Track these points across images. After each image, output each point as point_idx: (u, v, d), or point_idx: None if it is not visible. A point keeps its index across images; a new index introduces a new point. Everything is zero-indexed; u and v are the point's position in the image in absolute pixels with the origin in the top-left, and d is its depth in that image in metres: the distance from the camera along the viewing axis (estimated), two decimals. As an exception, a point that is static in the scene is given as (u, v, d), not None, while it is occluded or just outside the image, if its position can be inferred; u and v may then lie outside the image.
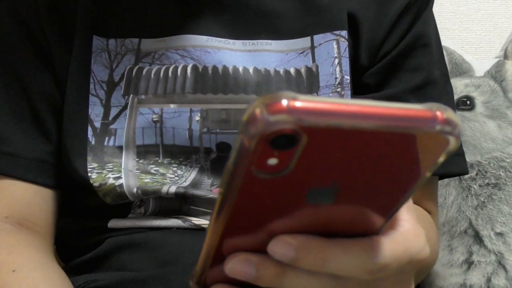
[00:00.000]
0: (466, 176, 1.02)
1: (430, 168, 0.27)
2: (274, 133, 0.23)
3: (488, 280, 0.97)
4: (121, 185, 0.61)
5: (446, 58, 1.07)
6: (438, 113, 0.25)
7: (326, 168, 0.26)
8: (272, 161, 0.25)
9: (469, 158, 1.02)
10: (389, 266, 0.31)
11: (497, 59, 1.13)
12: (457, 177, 1.03)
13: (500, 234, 0.99)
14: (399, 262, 0.31)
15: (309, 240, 0.30)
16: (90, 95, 0.64)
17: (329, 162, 0.26)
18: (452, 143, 0.25)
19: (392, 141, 0.25)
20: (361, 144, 0.25)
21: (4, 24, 0.65)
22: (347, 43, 0.65)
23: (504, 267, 0.98)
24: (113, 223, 0.64)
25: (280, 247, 0.30)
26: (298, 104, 0.23)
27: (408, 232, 0.32)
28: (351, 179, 0.27)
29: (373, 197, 0.29)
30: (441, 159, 0.26)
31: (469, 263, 0.98)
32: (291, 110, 0.23)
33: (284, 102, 0.23)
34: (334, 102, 0.24)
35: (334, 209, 0.29)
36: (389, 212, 0.30)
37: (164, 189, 0.62)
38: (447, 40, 1.25)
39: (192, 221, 0.63)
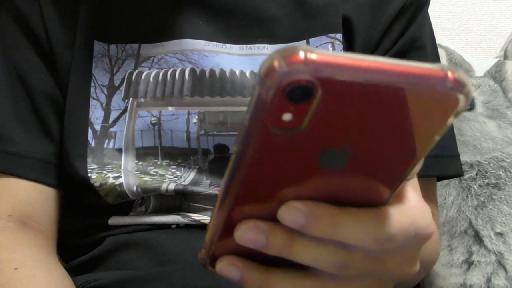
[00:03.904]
0: (466, 176, 1.02)
1: (440, 130, 0.27)
2: (290, 84, 0.24)
3: (488, 280, 0.97)
4: (121, 184, 0.62)
5: (446, 58, 1.07)
6: (449, 72, 0.25)
7: (338, 127, 0.26)
8: (287, 116, 0.25)
9: (469, 158, 1.02)
10: (396, 236, 0.31)
11: (497, 59, 1.13)
12: (457, 177, 1.03)
13: (500, 234, 0.99)
14: (406, 234, 0.32)
15: (320, 206, 0.30)
16: (91, 98, 0.65)
17: (341, 121, 0.26)
18: (462, 102, 0.26)
19: (404, 100, 0.25)
20: (373, 101, 0.25)
21: (7, 26, 0.67)
22: (342, 46, 0.65)
23: (504, 267, 0.98)
24: (113, 220, 0.65)
25: (291, 213, 0.30)
26: (314, 56, 0.24)
27: (414, 207, 0.33)
28: (362, 141, 0.27)
29: (382, 163, 0.29)
30: (450, 120, 0.26)
31: (469, 263, 0.98)
32: (308, 61, 0.24)
33: (301, 54, 0.24)
34: (350, 57, 0.24)
35: (344, 175, 0.29)
36: (396, 181, 0.31)
37: (164, 186, 0.62)
38: (447, 40, 1.25)
39: (192, 217, 0.63)
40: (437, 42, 0.73)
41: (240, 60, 0.65)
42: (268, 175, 0.29)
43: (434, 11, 0.68)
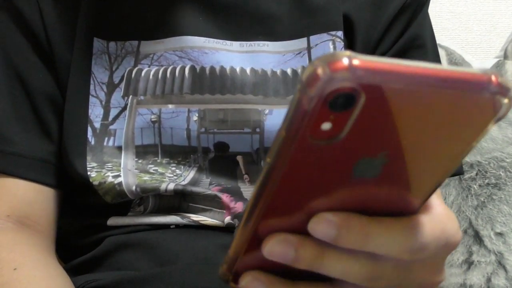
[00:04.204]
0: (466, 176, 1.02)
1: (478, 136, 0.27)
2: (334, 92, 0.23)
3: (488, 280, 0.97)
4: (120, 184, 0.62)
5: (446, 58, 1.07)
6: (493, 77, 0.25)
7: (377, 136, 0.26)
8: (326, 125, 0.25)
9: (469, 158, 1.02)
10: (429, 246, 0.31)
11: (497, 59, 1.13)
12: (457, 177, 1.03)
13: (500, 234, 0.99)
14: (437, 243, 0.31)
15: (351, 217, 0.29)
16: (90, 96, 0.65)
17: (381, 129, 0.26)
18: (505, 107, 0.25)
19: (446, 105, 0.25)
20: (415, 107, 0.25)
21: (7, 26, 0.66)
22: (343, 43, 0.65)
23: (504, 267, 0.97)
24: (112, 221, 0.64)
25: (322, 224, 0.29)
26: (358, 62, 0.23)
27: (443, 214, 0.32)
28: (400, 149, 0.27)
29: (417, 171, 0.28)
30: (490, 125, 0.26)
31: (469, 263, 0.98)
32: (352, 68, 0.23)
33: (345, 60, 0.23)
34: (393, 62, 0.24)
35: (378, 185, 0.29)
36: (430, 189, 0.30)
37: (163, 186, 0.62)
38: (447, 40, 1.25)
39: (191, 218, 0.63)
40: (437, 42, 0.73)
41: (240, 57, 0.65)
42: (299, 187, 0.28)
43: (434, 11, 0.68)
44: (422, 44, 0.68)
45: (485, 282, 0.96)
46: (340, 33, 0.65)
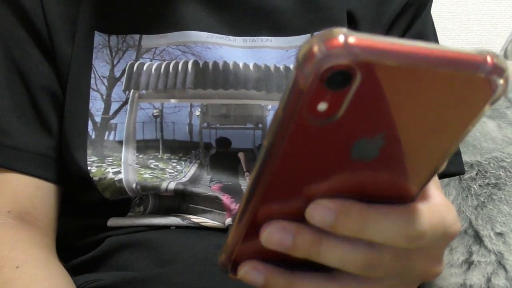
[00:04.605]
0: (466, 176, 1.02)
1: (475, 119, 0.27)
2: (330, 69, 0.23)
3: (488, 280, 0.96)
4: (120, 180, 0.61)
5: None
6: (489, 57, 0.25)
7: (374, 116, 0.26)
8: (323, 105, 0.24)
9: (469, 158, 1.02)
10: (426, 233, 0.30)
11: (497, 59, 1.13)
12: (457, 177, 1.03)
13: (500, 234, 0.99)
14: (435, 231, 0.31)
15: (348, 204, 0.29)
16: (91, 89, 0.64)
17: (377, 109, 0.25)
18: (500, 88, 0.25)
19: (441, 85, 0.25)
20: (411, 87, 0.25)
21: (7, 18, 0.66)
22: None
23: (504, 267, 0.97)
24: (112, 222, 0.64)
25: (319, 211, 0.29)
26: (354, 39, 0.23)
27: (441, 204, 0.32)
28: (397, 129, 0.27)
29: (414, 154, 0.28)
30: (487, 107, 0.26)
31: (469, 263, 0.98)
32: (348, 45, 0.23)
33: (341, 38, 0.23)
34: (389, 41, 0.24)
35: (375, 168, 0.28)
36: (428, 175, 0.30)
37: (163, 185, 0.61)
38: (447, 40, 1.25)
39: (191, 219, 0.63)
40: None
41: (243, 52, 0.64)
42: (297, 170, 0.28)
43: (434, 11, 0.68)
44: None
45: (485, 282, 0.96)
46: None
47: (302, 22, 0.65)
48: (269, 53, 0.65)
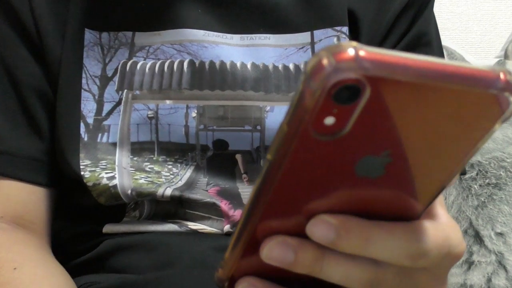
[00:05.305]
0: (467, 176, 1.02)
1: (484, 137, 0.26)
2: (339, 83, 0.23)
3: (489, 280, 0.96)
4: (115, 186, 0.60)
5: (446, 58, 1.07)
6: (502, 74, 0.24)
7: (381, 133, 0.25)
8: (330, 119, 0.24)
9: (469, 158, 1.01)
10: (430, 253, 0.30)
11: (497, 59, 1.13)
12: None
13: (500, 234, 0.99)
14: (439, 251, 0.30)
15: (351, 220, 0.28)
16: (82, 90, 0.62)
17: (385, 125, 0.25)
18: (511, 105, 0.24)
19: (452, 102, 0.24)
20: (421, 103, 0.24)
21: None
22: (348, 39, 0.63)
23: (504, 267, 0.97)
24: (107, 229, 0.63)
25: (320, 226, 0.28)
26: (365, 53, 0.23)
27: (446, 223, 0.31)
28: (404, 147, 0.26)
29: (421, 172, 0.28)
30: (497, 125, 0.25)
31: (469, 263, 0.98)
32: (358, 59, 0.23)
33: (351, 51, 0.23)
34: (401, 55, 0.23)
35: (380, 186, 0.28)
36: (434, 193, 0.29)
37: (160, 191, 0.60)
38: (447, 40, 1.25)
39: (189, 226, 0.61)
40: (438, 42, 0.72)
41: (241, 51, 0.63)
42: (300, 186, 0.27)
43: (434, 11, 0.68)
44: (428, 42, 0.67)
45: (485, 282, 0.96)
46: (345, 29, 0.64)
47: (302, 19, 0.64)
48: (267, 51, 0.63)
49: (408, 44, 0.66)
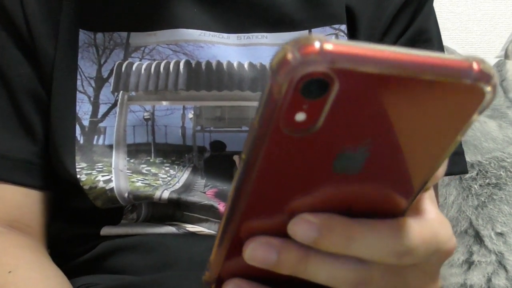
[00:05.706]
0: (467, 176, 1.02)
1: (463, 129, 0.25)
2: (306, 77, 0.22)
3: (489, 280, 0.96)
4: (111, 189, 0.59)
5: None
6: (475, 63, 0.23)
7: (355, 127, 0.24)
8: (300, 115, 0.23)
9: (469, 158, 1.02)
10: (417, 249, 0.29)
11: (498, 59, 1.13)
12: (457, 177, 1.02)
13: (500, 234, 0.98)
14: (427, 247, 0.29)
15: (333, 218, 0.28)
16: (77, 92, 0.61)
17: (358, 119, 0.24)
18: (488, 95, 0.24)
19: (426, 94, 0.24)
20: (393, 96, 0.24)
21: None
22: (346, 38, 0.63)
23: (504, 267, 0.97)
24: (105, 231, 0.62)
25: (302, 226, 0.27)
26: (331, 46, 0.22)
27: (434, 220, 0.30)
28: (380, 141, 0.25)
29: (401, 167, 0.27)
30: (475, 116, 0.25)
31: (469, 263, 0.97)
32: (324, 52, 0.22)
33: (317, 44, 0.22)
34: (369, 47, 0.23)
35: (359, 182, 0.27)
36: (416, 188, 0.28)
37: (157, 194, 0.60)
38: (447, 40, 1.24)
39: (187, 228, 0.61)
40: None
41: (237, 51, 0.62)
42: (277, 184, 0.27)
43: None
44: (428, 39, 0.66)
45: (485, 282, 0.96)
46: (343, 27, 0.63)
47: (300, 17, 0.63)
48: (264, 50, 0.62)
49: (408, 41, 0.65)
